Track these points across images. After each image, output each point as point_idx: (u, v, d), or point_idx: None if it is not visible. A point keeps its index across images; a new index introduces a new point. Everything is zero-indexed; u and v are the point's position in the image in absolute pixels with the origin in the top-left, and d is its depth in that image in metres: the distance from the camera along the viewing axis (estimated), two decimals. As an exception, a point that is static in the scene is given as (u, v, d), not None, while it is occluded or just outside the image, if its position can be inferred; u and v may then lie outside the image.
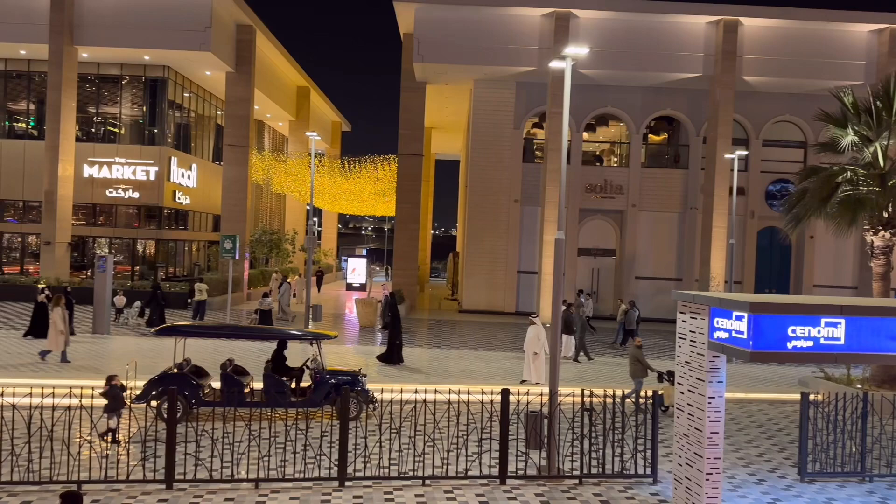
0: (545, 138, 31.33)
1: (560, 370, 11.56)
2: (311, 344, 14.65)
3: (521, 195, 32.81)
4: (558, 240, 11.59)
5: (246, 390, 13.76)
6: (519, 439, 11.76)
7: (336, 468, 10.22)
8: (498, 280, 32.84)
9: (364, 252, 57.95)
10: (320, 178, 39.59)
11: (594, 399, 10.88)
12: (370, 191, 40.88)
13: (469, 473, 10.50)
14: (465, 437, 11.18)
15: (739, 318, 8.17)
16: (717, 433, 9.06)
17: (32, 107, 35.56)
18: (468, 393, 11.91)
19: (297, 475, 10.20)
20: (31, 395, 10.49)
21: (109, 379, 11.64)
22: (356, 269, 45.25)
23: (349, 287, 44.51)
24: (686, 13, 30.31)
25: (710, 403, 9.02)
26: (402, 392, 11.98)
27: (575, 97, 13.56)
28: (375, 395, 13.48)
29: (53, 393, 10.32)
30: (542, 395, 12.12)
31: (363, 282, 44.47)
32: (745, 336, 8.07)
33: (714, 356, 9.00)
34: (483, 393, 11.28)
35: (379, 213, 48.42)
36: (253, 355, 18.64)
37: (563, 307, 22.30)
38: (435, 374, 18.24)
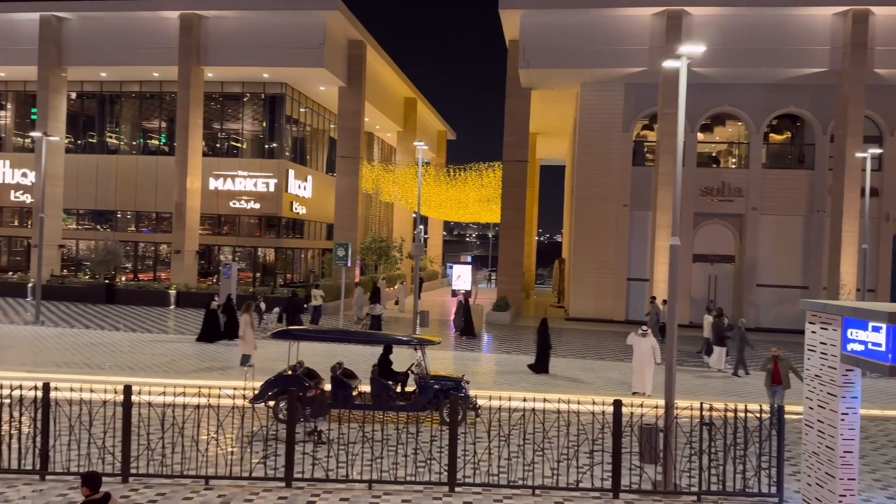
0: (656, 140, 30.34)
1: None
2: (416, 349, 14.88)
3: (630, 199, 31.91)
4: (674, 245, 11.17)
5: (354, 393, 14.17)
6: (632, 452, 11.40)
7: (446, 473, 10.31)
8: (606, 287, 32.08)
9: (469, 259, 58.33)
10: (427, 186, 40.26)
11: (713, 413, 10.38)
12: (475, 198, 41.11)
13: (580, 485, 10.28)
14: (575, 447, 10.96)
15: (877, 330, 7.56)
16: (850, 452, 8.41)
17: (164, 125, 38.42)
18: (578, 403, 11.69)
19: (408, 478, 10.37)
20: (164, 393, 11.27)
21: (316, 383, 11.91)
22: (461, 275, 45.70)
23: (454, 294, 45.00)
24: (810, 5, 28.48)
25: (843, 420, 8.38)
26: (510, 400, 11.93)
27: (689, 97, 13.05)
28: (479, 401, 13.51)
29: (185, 392, 11.05)
30: (656, 407, 11.70)
31: (468, 288, 44.87)
32: (883, 348, 7.46)
33: (848, 370, 8.36)
34: (594, 403, 11.03)
35: (483, 220, 48.56)
36: (363, 359, 19.18)
37: (713, 316, 21.48)
38: (542, 382, 18.04)
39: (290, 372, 14.35)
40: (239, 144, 38.08)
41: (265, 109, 37.45)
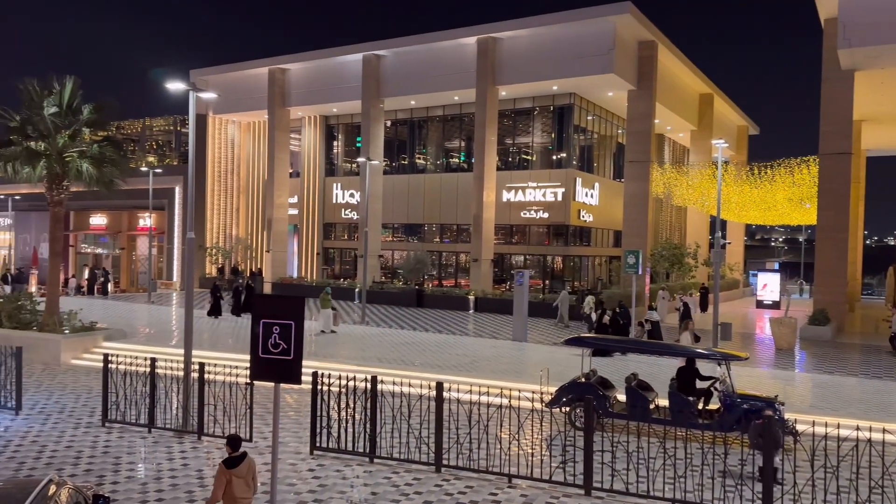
0: None
1: None
2: (720, 365, 13.80)
3: None
4: None
5: (651, 406, 13.64)
6: None
7: (759, 501, 9.36)
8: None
9: (776, 266, 52.76)
10: (725, 186, 37.39)
11: None
12: (783, 197, 37.03)
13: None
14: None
15: None
16: None
17: (463, 144, 41.48)
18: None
19: (715, 502, 9.65)
20: (470, 392, 12.06)
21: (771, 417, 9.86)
22: (768, 284, 41.58)
23: (759, 304, 41.06)
24: None
25: None
26: (838, 427, 10.43)
27: None
28: (799, 426, 12.03)
29: (488, 392, 11.69)
30: None
31: (776, 299, 40.60)
32: None
33: None
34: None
35: (794, 223, 43.47)
36: (659, 371, 18.42)
37: None
38: (882, 409, 15.46)
39: (583, 379, 14.37)
40: (529, 157, 39.49)
41: (554, 121, 38.30)
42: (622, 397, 14.56)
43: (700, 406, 13.69)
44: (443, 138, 42.05)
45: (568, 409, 13.85)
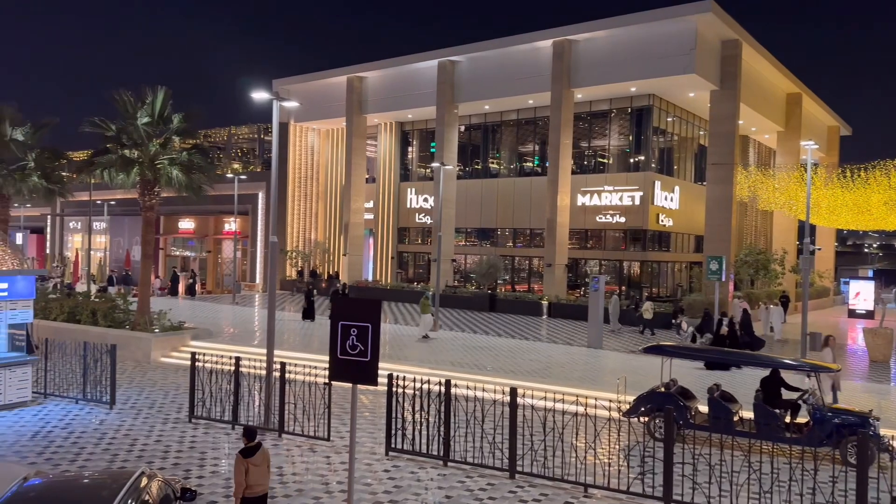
0: None
1: None
2: (809, 377, 13.15)
3: None
4: None
5: (735, 418, 13.13)
6: None
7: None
8: None
9: (870, 273, 49.97)
10: (815, 190, 35.66)
11: None
12: (878, 201, 35.01)
13: None
14: None
15: None
16: None
17: (536, 148, 41.18)
18: None
19: (805, 521, 9.19)
20: (544, 398, 11.93)
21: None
22: (861, 293, 39.38)
23: (852, 314, 38.92)
24: None
25: None
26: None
27: None
28: (893, 443, 11.31)
29: (563, 399, 11.53)
30: None
31: (870, 308, 38.40)
32: None
33: None
34: None
35: (890, 227, 41.01)
36: (743, 381, 17.71)
37: None
38: None
39: (662, 389, 13.98)
40: (605, 160, 38.81)
41: (631, 123, 37.52)
42: (704, 408, 14.08)
43: (787, 419, 13.09)
44: (517, 142, 41.89)
45: (646, 418, 13.51)
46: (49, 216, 60.45)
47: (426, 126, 44.11)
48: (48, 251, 61.31)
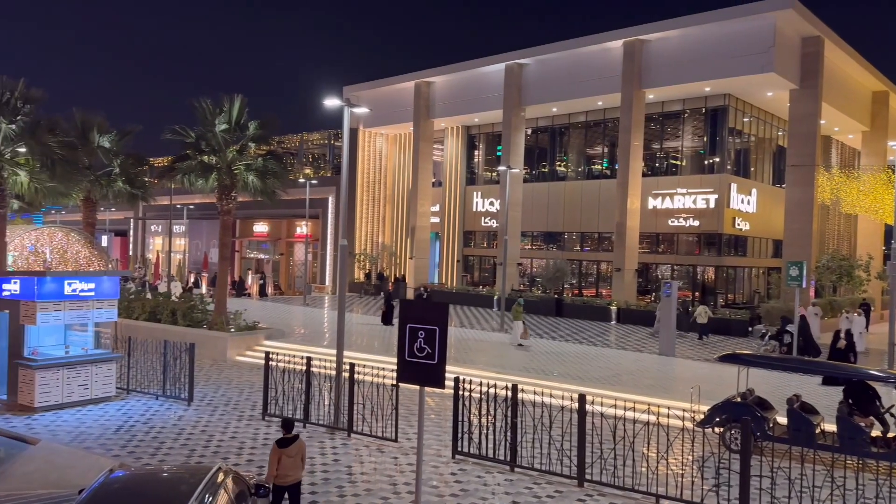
0: None
1: None
2: (897, 388, 12.42)
3: None
4: None
5: (816, 431, 12.54)
6: None
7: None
8: None
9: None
10: (904, 193, 33.69)
11: None
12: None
13: None
14: None
15: None
16: None
17: (605, 150, 40.50)
18: None
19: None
20: (614, 406, 11.68)
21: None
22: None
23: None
24: None
25: None
26: None
27: None
28: None
29: (634, 407, 11.27)
30: None
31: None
32: None
33: None
34: None
35: None
36: (826, 392, 16.90)
37: None
38: None
39: (739, 399, 13.50)
40: (677, 162, 37.82)
41: (705, 124, 36.43)
42: (782, 420, 13.51)
43: (873, 433, 12.41)
44: (585, 144, 41.33)
45: (721, 429, 13.06)
46: (132, 219, 63.45)
47: (493, 129, 44.07)
48: (131, 253, 64.37)
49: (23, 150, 17.91)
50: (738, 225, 36.20)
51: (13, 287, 15.11)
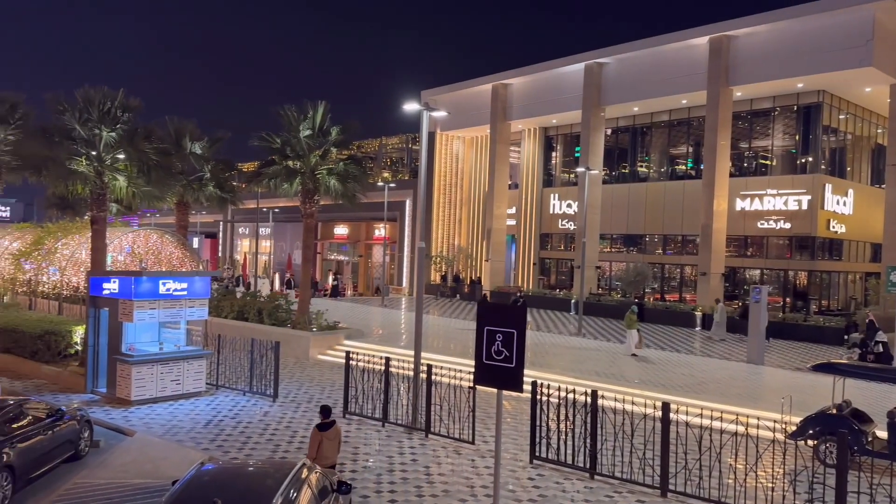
0: None
1: None
2: None
3: None
4: None
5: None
6: None
7: None
8: None
9: None
10: None
11: None
12: None
13: None
14: None
15: None
16: None
17: (690, 150, 39.24)
18: None
19: None
20: (700, 415, 11.28)
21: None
22: None
23: None
24: None
25: None
26: None
27: None
28: None
29: (721, 417, 10.85)
30: None
31: None
32: None
33: None
34: None
35: None
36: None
37: None
38: None
39: (834, 410, 12.79)
40: (767, 162, 36.23)
41: (798, 122, 34.73)
42: (882, 434, 12.71)
43: None
44: (668, 144, 40.18)
45: (815, 442, 12.41)
46: (221, 222, 66.26)
47: (571, 130, 43.50)
48: (220, 254, 67.22)
49: (122, 156, 18.96)
50: (834, 227, 34.33)
51: (112, 286, 16.03)
